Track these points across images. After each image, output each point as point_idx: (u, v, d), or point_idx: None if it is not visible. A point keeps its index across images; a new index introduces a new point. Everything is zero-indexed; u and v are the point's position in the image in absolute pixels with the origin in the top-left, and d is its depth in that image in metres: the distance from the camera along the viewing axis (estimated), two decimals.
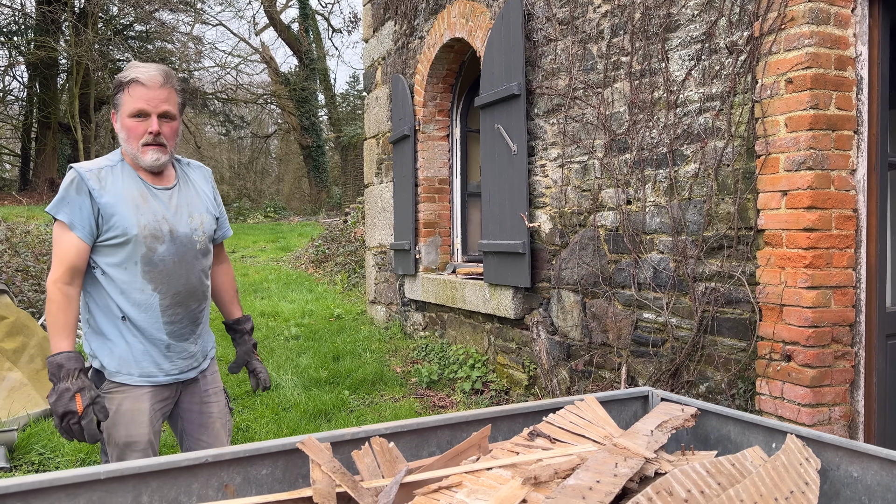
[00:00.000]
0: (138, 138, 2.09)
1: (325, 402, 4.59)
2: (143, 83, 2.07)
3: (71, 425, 1.91)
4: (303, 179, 29.49)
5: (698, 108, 3.28)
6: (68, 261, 2.04)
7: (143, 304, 2.12)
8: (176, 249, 2.16)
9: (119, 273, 2.10)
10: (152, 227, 2.11)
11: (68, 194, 2.05)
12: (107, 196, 2.07)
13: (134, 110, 2.08)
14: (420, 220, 6.18)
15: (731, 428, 1.89)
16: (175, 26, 24.34)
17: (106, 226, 2.06)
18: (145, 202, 2.12)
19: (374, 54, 7.21)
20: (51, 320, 2.00)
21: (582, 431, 1.73)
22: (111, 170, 2.12)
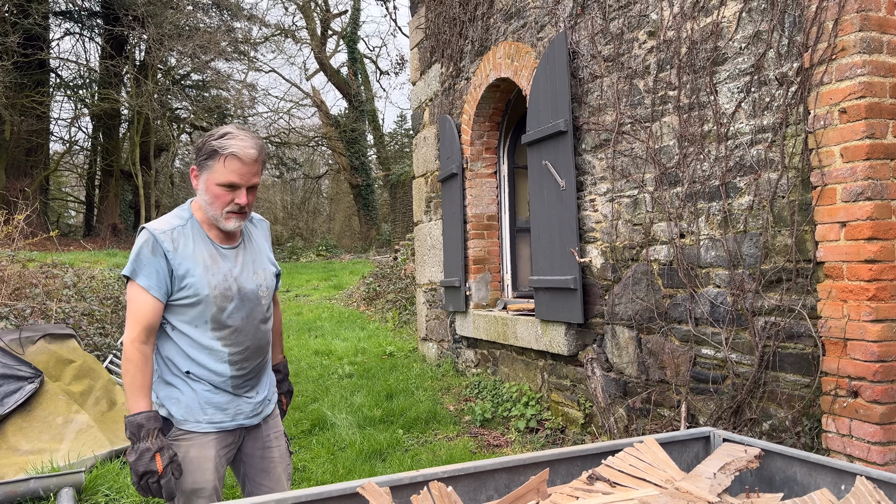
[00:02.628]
0: (224, 206, 2.13)
1: (379, 441, 4.60)
2: (240, 158, 2.09)
3: (150, 484, 1.98)
4: (353, 218, 30.00)
5: (750, 140, 3.25)
6: (145, 321, 2.08)
7: (211, 359, 2.17)
8: (244, 306, 2.21)
9: (190, 330, 2.15)
10: (222, 287, 2.16)
11: (143, 256, 2.09)
12: (180, 258, 2.11)
13: (226, 182, 2.11)
14: (469, 256, 6.21)
15: (798, 469, 1.84)
16: (230, 74, 25.32)
17: (178, 286, 2.11)
18: (214, 262, 2.17)
19: (421, 96, 7.36)
20: (129, 380, 2.04)
21: (642, 475, 1.71)
22: (182, 230, 2.16)
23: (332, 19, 27.59)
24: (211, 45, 21.26)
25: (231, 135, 2.12)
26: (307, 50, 27.86)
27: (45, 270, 7.72)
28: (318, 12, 27.04)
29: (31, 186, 19.04)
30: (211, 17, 23.99)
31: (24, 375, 4.59)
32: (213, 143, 2.11)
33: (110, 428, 4.63)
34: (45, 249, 12.96)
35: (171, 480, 2.00)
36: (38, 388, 4.57)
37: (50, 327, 5.32)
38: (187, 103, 25.27)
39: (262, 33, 25.96)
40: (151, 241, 2.10)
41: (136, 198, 22.72)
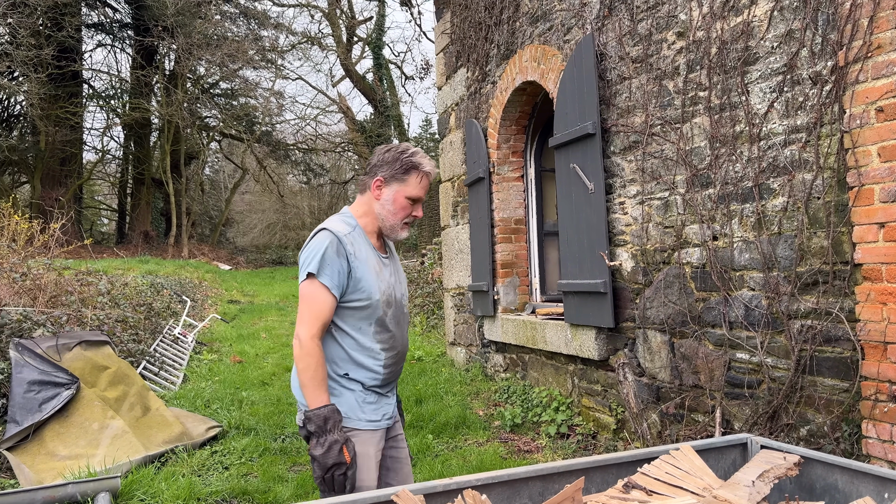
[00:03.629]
0: (404, 217, 2.30)
1: (410, 446, 4.59)
2: (429, 176, 2.31)
3: (336, 476, 2.02)
4: None
5: (783, 141, 3.19)
6: (323, 317, 2.15)
7: (371, 360, 2.25)
8: (396, 313, 2.33)
9: (355, 332, 2.24)
10: (387, 293, 2.28)
11: (328, 256, 2.16)
12: (357, 261, 2.21)
13: (415, 196, 2.29)
14: (497, 260, 6.19)
15: (839, 477, 1.80)
16: (258, 82, 25.65)
17: (353, 288, 2.20)
18: (380, 269, 2.30)
19: (447, 101, 7.37)
20: (310, 374, 2.10)
21: (679, 483, 1.68)
22: (352, 235, 2.26)
23: (358, 26, 27.78)
24: (239, 53, 21.56)
25: (419, 153, 2.31)
26: (333, 57, 28.07)
27: (80, 278, 7.88)
28: (344, 19, 27.25)
29: (65, 195, 19.46)
30: (238, 26, 24.34)
31: (61, 381, 4.68)
32: (412, 159, 2.28)
33: (144, 434, 4.69)
34: (80, 257, 13.22)
35: (357, 471, 2.05)
36: (74, 394, 4.66)
37: (85, 334, 5.42)
38: (216, 111, 25.64)
39: (288, 41, 26.26)
40: (336, 243, 2.18)
41: (167, 205, 23.09)
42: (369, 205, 2.33)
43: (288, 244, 29.88)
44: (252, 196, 33.38)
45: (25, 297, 6.22)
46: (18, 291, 6.21)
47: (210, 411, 5.68)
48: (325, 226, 2.23)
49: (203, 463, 4.54)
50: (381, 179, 2.29)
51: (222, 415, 5.54)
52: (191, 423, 5.14)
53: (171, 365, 7.27)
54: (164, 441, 4.74)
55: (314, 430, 2.05)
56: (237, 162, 29.23)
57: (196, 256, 21.08)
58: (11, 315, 5.54)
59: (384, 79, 27.30)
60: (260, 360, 7.94)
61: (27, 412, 4.48)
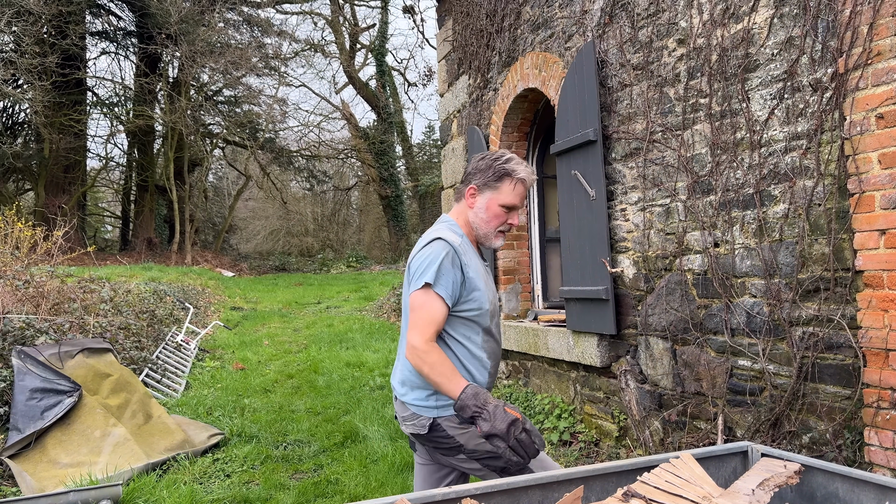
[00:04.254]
0: (497, 225, 2.27)
1: (411, 454, 4.59)
2: (525, 183, 2.26)
3: (518, 436, 1.89)
4: (382, 228, 30.18)
5: (784, 148, 3.19)
6: (437, 324, 2.13)
7: (478, 369, 2.24)
8: (497, 322, 2.32)
9: (466, 341, 2.23)
10: (493, 303, 2.28)
11: (444, 267, 2.15)
12: (470, 270, 2.20)
13: (509, 203, 2.25)
14: (499, 267, 6.19)
15: (839, 485, 1.79)
16: (261, 90, 25.74)
17: (465, 298, 2.19)
18: (487, 279, 2.29)
19: (449, 108, 7.39)
20: (438, 370, 2.05)
21: (679, 491, 1.68)
22: (463, 244, 2.25)
23: (361, 33, 27.90)
24: (242, 61, 21.65)
25: (516, 160, 2.27)
26: (336, 64, 28.19)
27: (83, 285, 7.90)
28: (347, 27, 27.36)
29: (68, 203, 19.53)
30: (242, 33, 24.45)
31: (63, 389, 4.69)
32: (505, 166, 2.24)
33: (146, 441, 4.70)
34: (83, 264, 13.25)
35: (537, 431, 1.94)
36: (76, 402, 4.67)
37: (88, 342, 5.43)
38: (220, 119, 25.74)
39: (292, 48, 26.37)
40: (451, 254, 2.16)
41: (171, 212, 23.15)
42: (465, 213, 2.32)
43: (291, 251, 29.95)
44: (255, 203, 33.47)
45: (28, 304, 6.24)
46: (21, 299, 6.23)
47: (212, 419, 5.68)
48: (439, 235, 2.20)
49: (205, 471, 4.54)
50: (475, 188, 2.27)
51: (224, 422, 5.54)
52: (193, 430, 5.14)
53: (174, 372, 7.27)
54: (166, 448, 4.74)
55: (472, 411, 1.94)
56: (240, 169, 29.32)
57: (199, 263, 21.12)
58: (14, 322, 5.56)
59: (387, 85, 27.40)
60: (262, 367, 7.94)
61: (29, 420, 4.48)
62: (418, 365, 2.08)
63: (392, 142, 27.53)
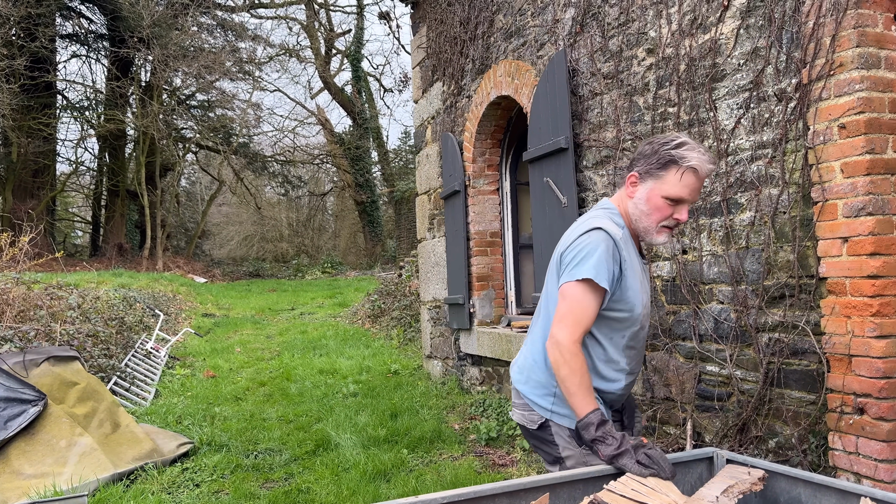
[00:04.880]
0: (660, 220, 1.99)
1: (384, 461, 4.57)
2: (697, 173, 1.94)
3: (646, 451, 1.80)
4: (358, 234, 30.07)
5: (750, 156, 3.25)
6: (586, 324, 1.94)
7: (613, 372, 2.07)
8: (646, 327, 2.12)
9: (606, 342, 2.04)
10: (647, 306, 2.09)
11: (604, 258, 1.93)
12: (628, 268, 1.99)
13: (674, 195, 1.95)
14: (473, 273, 6.20)
15: (802, 490, 1.82)
16: (235, 94, 25.55)
17: (617, 297, 1.98)
18: (644, 278, 2.08)
19: (423, 114, 7.40)
20: (578, 380, 1.89)
21: (644, 499, 1.69)
22: (624, 237, 2.02)
23: (336, 38, 27.82)
24: (216, 65, 21.47)
25: (689, 145, 1.95)
26: (311, 69, 28.07)
27: (50, 292, 7.75)
28: (322, 32, 27.28)
29: (36, 208, 19.17)
30: (216, 37, 24.25)
31: (27, 398, 4.59)
32: (672, 151, 1.94)
33: (114, 451, 4.61)
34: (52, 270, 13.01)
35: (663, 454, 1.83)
36: (41, 411, 4.57)
37: (54, 350, 5.32)
38: (192, 123, 25.47)
39: (266, 53, 26.21)
40: (612, 246, 1.95)
41: (142, 217, 22.85)
42: (625, 202, 2.05)
43: (265, 256, 29.69)
44: (229, 208, 33.15)
45: None
46: None
47: (181, 427, 5.60)
48: (599, 224, 1.97)
49: (173, 480, 4.47)
50: (636, 175, 2.01)
51: (194, 431, 5.46)
52: (161, 439, 5.06)
53: (143, 380, 7.16)
54: (134, 458, 4.66)
55: (595, 436, 1.85)
56: (214, 174, 29.04)
57: (171, 269, 20.86)
58: None
59: (363, 91, 27.35)
60: (234, 375, 7.86)
61: None
62: (558, 363, 1.91)
63: (368, 147, 27.47)
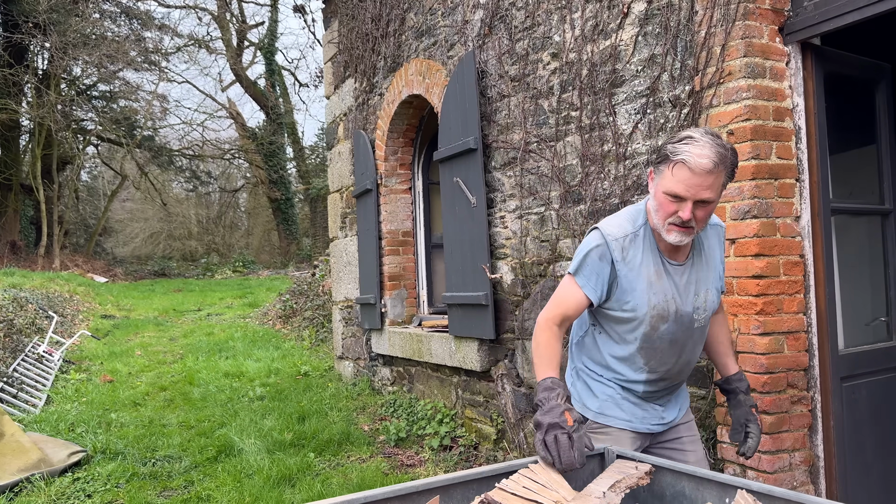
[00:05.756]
0: (667, 216, 1.96)
1: (289, 466, 4.47)
2: (689, 168, 1.88)
3: (558, 436, 1.79)
4: (272, 232, 29.39)
5: (646, 161, 3.35)
6: (565, 309, 2.06)
7: (629, 370, 2.12)
8: (676, 329, 2.08)
9: (616, 337, 2.11)
10: (661, 308, 2.05)
11: (590, 260, 2.04)
12: (626, 269, 2.03)
13: (671, 192, 1.93)
14: (385, 273, 6.16)
15: (686, 484, 1.88)
16: (139, 85, 24.44)
17: (617, 297, 2.05)
18: (659, 279, 2.05)
19: (335, 111, 7.29)
20: (538, 353, 2.03)
21: (534, 496, 1.70)
22: (634, 238, 2.05)
23: (249, 30, 27.10)
24: (119, 54, 20.49)
25: (690, 140, 1.91)
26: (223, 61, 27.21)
27: None
28: (234, 23, 26.51)
29: None
30: (119, 25, 23.13)
31: None
32: (669, 146, 1.94)
33: None
34: None
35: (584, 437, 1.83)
36: None
37: None
38: (93, 114, 24.19)
39: (174, 43, 25.19)
40: (602, 248, 2.03)
41: (38, 213, 21.54)
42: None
43: (173, 255, 28.58)
44: (134, 204, 31.66)
45: None
46: None
47: (74, 435, 5.31)
48: (601, 224, 2.07)
49: (63, 491, 4.23)
50: (652, 170, 2.02)
51: (87, 439, 5.18)
52: (51, 448, 4.77)
53: (33, 386, 6.74)
54: (20, 469, 4.39)
55: (538, 399, 1.90)
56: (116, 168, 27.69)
57: (69, 268, 19.75)
58: None
59: (277, 85, 26.75)
60: (133, 379, 7.51)
61: None
62: (533, 334, 2.08)
63: (282, 143, 26.89)
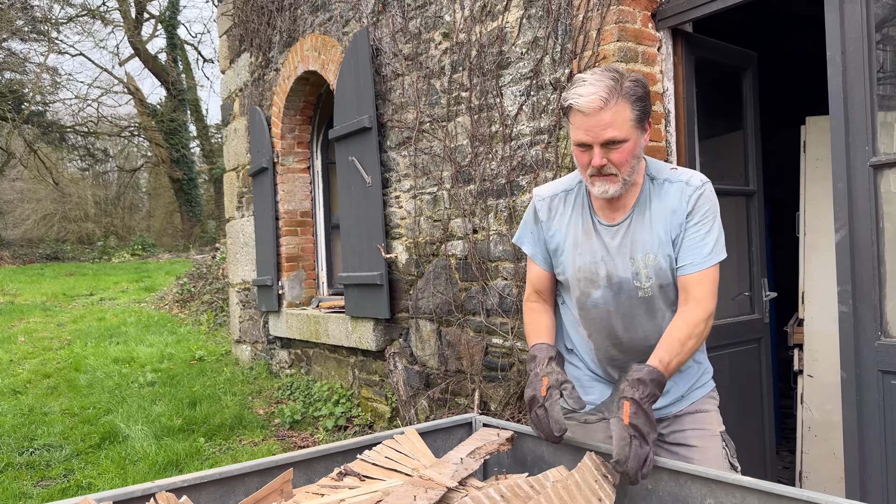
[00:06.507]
0: (585, 168, 1.77)
1: (177, 451, 4.35)
2: (581, 111, 1.69)
3: (536, 411, 1.69)
4: (175, 214, 28.25)
5: (530, 142, 3.44)
6: (531, 284, 2.01)
7: (580, 341, 1.99)
8: (612, 296, 1.85)
9: (565, 306, 2.02)
10: (588, 270, 1.86)
11: (526, 222, 1.99)
12: (553, 229, 1.93)
13: (576, 141, 1.74)
14: (282, 254, 6.05)
15: (545, 449, 1.95)
16: (27, 56, 22.82)
17: (552, 259, 1.97)
18: (587, 239, 1.86)
19: (231, 86, 7.06)
20: (526, 330, 2.00)
21: (395, 466, 1.73)
22: (565, 196, 1.92)
23: (149, 2, 25.78)
24: (3, 22, 19.05)
25: (579, 81, 1.70)
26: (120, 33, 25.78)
27: None
28: None
29: None
30: None
31: None
32: (563, 95, 1.75)
33: None
34: None
35: (556, 403, 1.68)
36: None
37: None
38: None
39: (65, 13, 23.66)
40: (533, 208, 1.96)
41: None
42: None
43: (67, 237, 27.01)
44: (24, 184, 29.66)
45: None
46: None
47: None
48: (536, 189, 1.99)
49: None
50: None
51: None
52: None
53: None
54: None
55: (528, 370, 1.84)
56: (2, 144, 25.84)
57: None
58: None
59: (179, 60, 25.62)
60: (14, 367, 7.09)
61: None
62: None
63: (184, 121, 25.84)
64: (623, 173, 1.74)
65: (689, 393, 1.95)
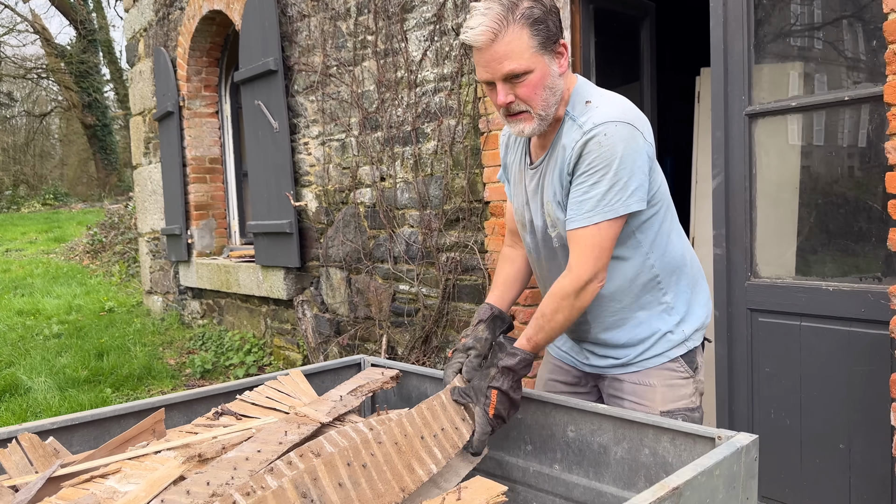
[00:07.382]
0: (498, 108, 1.59)
1: (81, 402, 4.27)
2: (473, 46, 1.52)
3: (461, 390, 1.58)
4: (89, 162, 26.91)
5: (434, 88, 3.43)
6: (507, 223, 1.92)
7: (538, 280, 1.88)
8: (536, 243, 1.74)
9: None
10: (519, 214, 1.77)
11: (501, 157, 1.87)
12: (508, 168, 1.84)
13: (479, 79, 1.58)
14: (191, 202, 5.90)
15: (429, 385, 2.02)
16: None
17: None
18: (519, 182, 1.76)
19: (135, 25, 6.72)
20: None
21: (274, 405, 1.76)
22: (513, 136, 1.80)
23: None
24: None
25: (472, 12, 1.52)
26: None
27: None
28: None
29: None
30: None
31: None
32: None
33: None
34: None
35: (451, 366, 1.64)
36: None
37: None
38: None
39: None
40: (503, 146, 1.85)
41: None
42: None
43: None
44: None
45: None
46: None
47: None
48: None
49: None
50: None
51: None
52: None
53: None
54: None
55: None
56: None
57: None
58: None
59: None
60: None
61: None
62: None
63: (96, 63, 24.43)
64: (536, 108, 1.54)
65: (637, 360, 1.72)
